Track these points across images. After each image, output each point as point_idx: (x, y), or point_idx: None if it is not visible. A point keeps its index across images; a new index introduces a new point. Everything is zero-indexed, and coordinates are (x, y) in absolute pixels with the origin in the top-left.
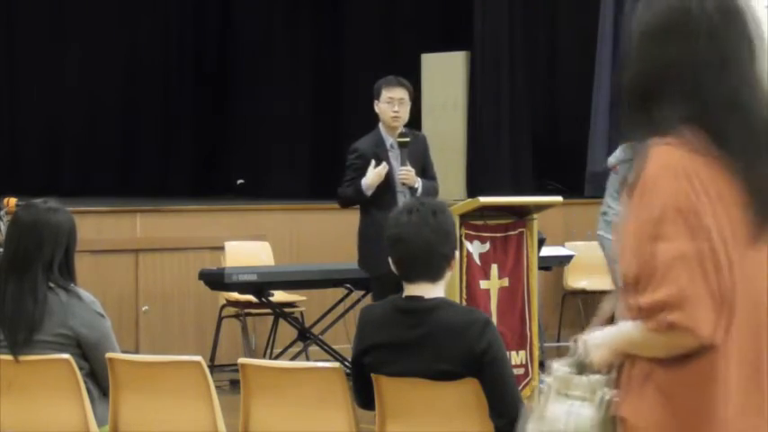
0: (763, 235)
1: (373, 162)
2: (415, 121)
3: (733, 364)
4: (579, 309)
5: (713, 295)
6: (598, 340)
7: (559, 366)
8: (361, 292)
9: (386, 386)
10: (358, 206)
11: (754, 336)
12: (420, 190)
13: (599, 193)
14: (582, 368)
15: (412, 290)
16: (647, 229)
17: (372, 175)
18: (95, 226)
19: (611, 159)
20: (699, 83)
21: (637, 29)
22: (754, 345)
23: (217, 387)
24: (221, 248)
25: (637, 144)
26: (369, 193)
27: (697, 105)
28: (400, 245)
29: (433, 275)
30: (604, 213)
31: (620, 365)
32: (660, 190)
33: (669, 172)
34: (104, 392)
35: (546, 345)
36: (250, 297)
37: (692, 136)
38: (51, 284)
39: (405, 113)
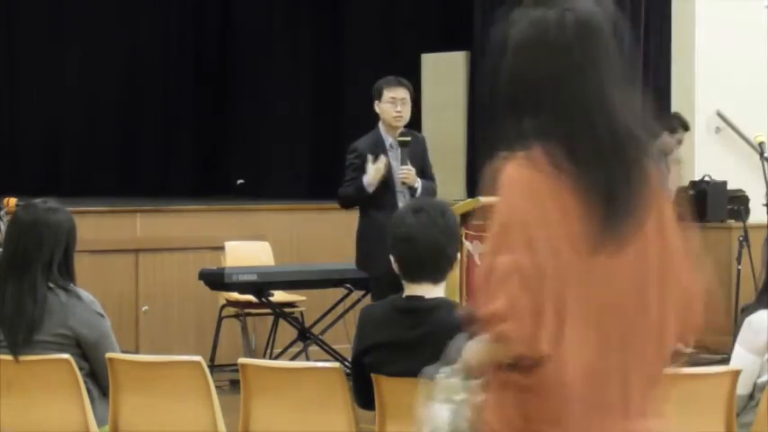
0: (611, 243)
1: (371, 157)
2: (415, 122)
3: (577, 369)
4: None
5: (540, 306)
6: (471, 347)
7: (442, 371)
8: (361, 292)
9: (386, 386)
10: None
11: (602, 340)
12: (420, 190)
13: None
14: (462, 373)
15: (413, 290)
16: (490, 243)
17: (373, 171)
18: (95, 226)
19: None
20: (553, 97)
21: (504, 45)
22: (603, 350)
23: (217, 387)
24: (221, 248)
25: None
26: (370, 189)
27: (550, 119)
28: (408, 244)
29: (438, 276)
30: None
31: (489, 371)
32: (503, 206)
33: (512, 188)
34: (104, 392)
35: None
36: (250, 297)
37: (542, 150)
38: (51, 284)
39: (407, 113)
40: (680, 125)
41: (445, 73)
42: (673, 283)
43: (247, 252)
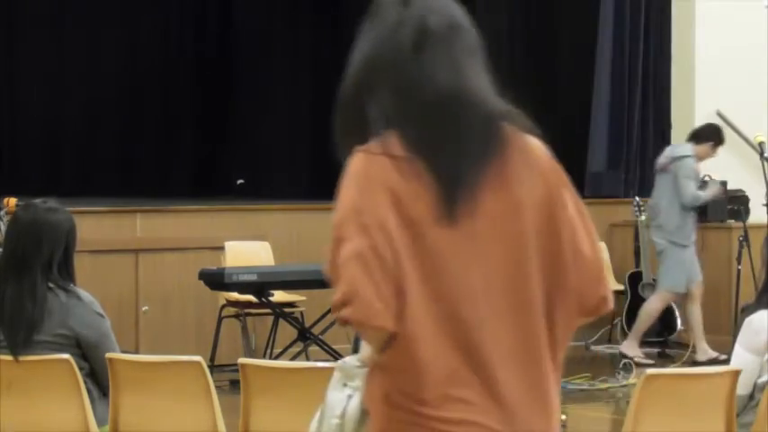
0: (454, 218)
1: None
2: None
3: (429, 344)
4: None
5: (378, 287)
6: None
7: (347, 359)
8: None
9: None
10: None
11: (453, 313)
12: None
13: (599, 193)
14: (360, 360)
15: None
16: (334, 233)
17: None
18: (95, 226)
19: (662, 159)
20: (396, 85)
21: (362, 35)
22: (455, 323)
23: (217, 387)
24: (221, 248)
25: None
26: None
27: (395, 107)
28: None
29: None
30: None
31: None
32: (343, 195)
33: (351, 177)
34: (104, 392)
35: None
36: (250, 297)
37: (387, 138)
38: (51, 285)
39: None
40: (720, 141)
41: None
42: (568, 255)
43: (247, 252)
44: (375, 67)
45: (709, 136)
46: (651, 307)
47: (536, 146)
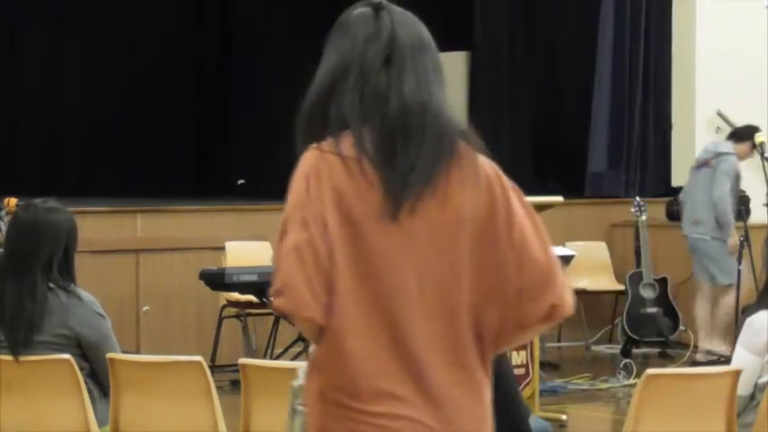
0: (396, 219)
1: None
2: None
3: (358, 338)
4: (579, 309)
5: (310, 280)
6: None
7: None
8: None
9: None
10: None
11: (386, 309)
12: None
13: (599, 193)
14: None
15: None
16: (281, 227)
17: None
18: (95, 226)
19: (703, 155)
20: (362, 93)
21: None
22: (387, 319)
23: (217, 387)
24: (222, 248)
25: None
26: None
27: (358, 112)
28: None
29: None
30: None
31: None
32: (291, 191)
33: (300, 174)
34: (105, 392)
35: (546, 345)
36: (251, 297)
37: (341, 138)
38: (51, 285)
39: None
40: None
41: (445, 73)
42: (510, 267)
43: (248, 252)
44: (344, 74)
45: (748, 135)
46: (724, 306)
47: (485, 164)
